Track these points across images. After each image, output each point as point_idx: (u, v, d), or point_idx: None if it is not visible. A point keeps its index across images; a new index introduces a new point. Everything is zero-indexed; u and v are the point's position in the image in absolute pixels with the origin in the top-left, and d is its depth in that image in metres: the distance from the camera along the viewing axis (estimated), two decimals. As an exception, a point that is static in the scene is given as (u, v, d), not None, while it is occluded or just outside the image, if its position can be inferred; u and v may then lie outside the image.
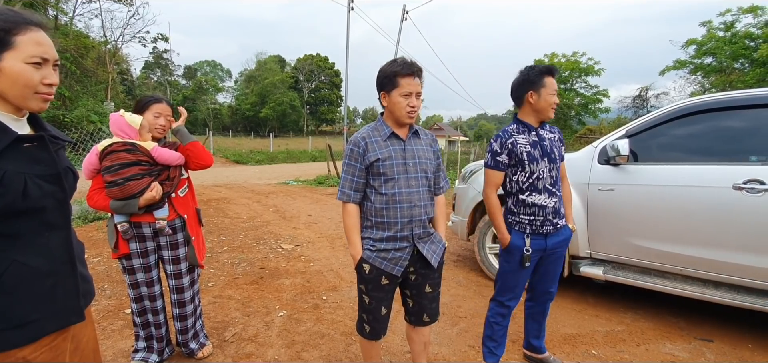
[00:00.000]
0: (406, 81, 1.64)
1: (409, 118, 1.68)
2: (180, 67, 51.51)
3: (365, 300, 1.79)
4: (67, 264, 1.07)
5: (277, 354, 2.41)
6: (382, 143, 1.70)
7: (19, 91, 0.94)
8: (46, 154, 1.01)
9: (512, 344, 2.65)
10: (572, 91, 30.55)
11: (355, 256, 1.74)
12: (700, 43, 20.91)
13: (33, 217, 0.99)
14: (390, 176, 1.68)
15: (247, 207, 7.22)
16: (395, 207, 1.68)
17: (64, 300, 1.06)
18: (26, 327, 0.98)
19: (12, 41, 0.92)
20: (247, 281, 3.59)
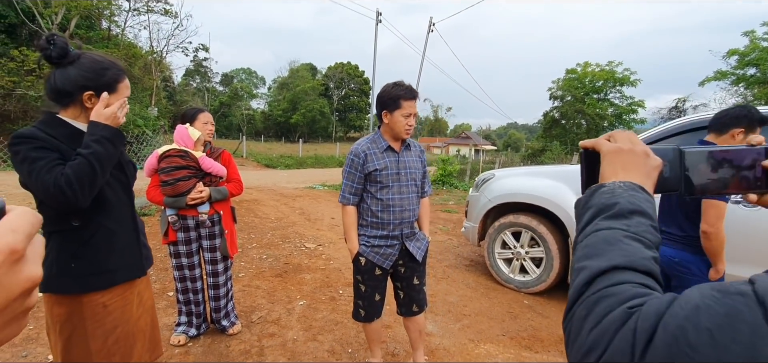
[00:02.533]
0: (408, 104, 1.93)
1: (406, 134, 1.97)
2: (217, 75, 53.88)
3: (361, 288, 2.10)
4: (133, 231, 1.47)
5: (296, 335, 2.74)
6: (379, 155, 2.00)
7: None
8: None
9: (510, 340, 2.87)
10: (606, 101, 29.74)
11: (352, 250, 2.05)
12: (743, 54, 19.96)
13: (106, 192, 1.36)
14: (385, 184, 1.98)
15: (275, 208, 7.69)
16: (389, 210, 1.99)
17: (131, 259, 1.46)
18: (104, 275, 1.37)
19: (117, 87, 1.34)
20: (272, 274, 3.96)
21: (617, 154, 0.58)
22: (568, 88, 29.73)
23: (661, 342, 0.35)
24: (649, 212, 0.51)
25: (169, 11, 18.89)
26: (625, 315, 0.39)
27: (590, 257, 0.47)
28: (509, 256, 3.99)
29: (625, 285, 0.42)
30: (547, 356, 2.68)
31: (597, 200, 0.54)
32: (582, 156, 0.65)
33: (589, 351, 0.39)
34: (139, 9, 18.42)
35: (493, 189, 4.13)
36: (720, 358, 0.32)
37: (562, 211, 3.53)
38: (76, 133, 1.31)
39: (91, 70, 1.29)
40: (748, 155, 0.59)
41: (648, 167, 0.57)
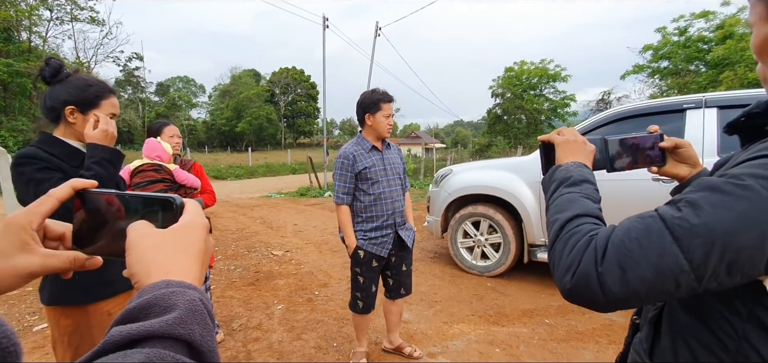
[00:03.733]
0: (387, 106, 2.20)
1: (387, 132, 2.22)
2: (152, 84, 50.63)
3: (360, 280, 2.26)
4: None
5: (281, 337, 2.82)
6: (366, 154, 2.20)
7: None
8: None
9: (479, 318, 3.14)
10: (542, 96, 31.93)
11: (351, 245, 2.21)
12: (656, 48, 22.38)
13: None
14: (375, 180, 2.19)
15: (234, 220, 7.52)
16: (381, 203, 2.20)
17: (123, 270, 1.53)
18: (110, 285, 1.43)
19: (99, 104, 1.38)
20: (244, 283, 3.96)
21: (566, 143, 0.83)
22: (508, 85, 31.54)
23: (610, 251, 0.56)
24: (592, 180, 0.75)
25: (95, 19, 17.59)
26: (588, 240, 0.60)
27: (560, 212, 0.69)
28: (471, 245, 4.30)
29: (584, 225, 0.64)
30: (513, 328, 2.98)
31: (558, 175, 0.77)
32: (541, 147, 0.90)
33: (569, 267, 0.59)
34: (62, 18, 16.98)
35: (452, 183, 4.42)
36: (643, 254, 0.53)
37: (516, 199, 3.89)
38: (74, 152, 1.36)
39: (74, 87, 1.35)
40: (649, 140, 0.87)
41: (586, 151, 0.82)
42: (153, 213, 0.45)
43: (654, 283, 0.53)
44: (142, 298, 0.34)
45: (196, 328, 0.34)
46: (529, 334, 2.90)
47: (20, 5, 14.54)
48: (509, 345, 2.74)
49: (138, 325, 0.32)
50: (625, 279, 0.54)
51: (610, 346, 2.71)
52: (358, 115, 2.27)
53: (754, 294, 0.57)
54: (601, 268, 0.55)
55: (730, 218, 0.50)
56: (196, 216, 0.44)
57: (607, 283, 0.54)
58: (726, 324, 0.61)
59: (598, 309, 0.58)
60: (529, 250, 3.91)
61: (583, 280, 0.57)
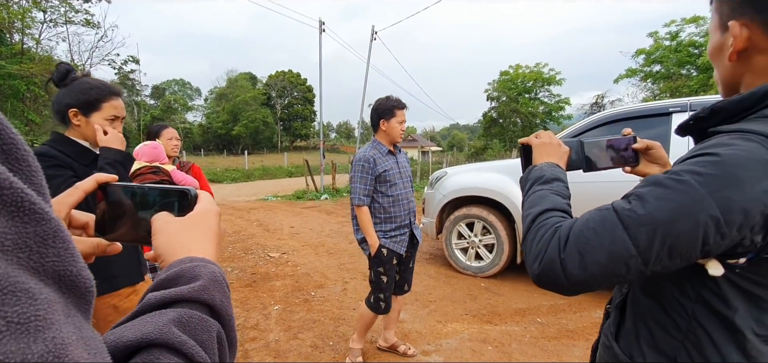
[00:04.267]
0: (400, 112, 2.31)
1: (400, 138, 2.34)
2: (147, 87, 50.45)
3: (383, 280, 2.32)
4: None
5: (277, 336, 2.87)
6: (383, 158, 2.32)
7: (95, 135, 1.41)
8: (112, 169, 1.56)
9: (473, 318, 3.21)
10: (537, 99, 32.18)
11: (374, 244, 2.26)
12: (649, 53, 22.66)
13: None
14: (393, 182, 2.30)
15: (230, 222, 7.55)
16: (398, 204, 2.31)
17: (131, 266, 1.60)
18: (111, 280, 1.50)
19: (100, 106, 1.43)
20: (241, 285, 4.00)
21: (542, 146, 0.90)
22: (503, 89, 31.76)
23: (572, 240, 0.63)
24: (563, 178, 0.83)
25: (90, 22, 17.54)
26: (553, 231, 0.67)
27: (532, 207, 0.76)
28: (465, 246, 4.37)
29: (552, 218, 0.71)
30: (505, 327, 3.05)
31: (533, 175, 0.85)
32: (521, 149, 0.97)
33: (537, 255, 0.67)
34: (56, 20, 16.92)
35: (447, 186, 4.50)
36: (599, 241, 0.60)
37: (509, 201, 3.97)
38: (83, 151, 1.43)
39: (76, 90, 1.41)
40: (623, 142, 0.95)
41: (561, 152, 0.89)
42: (170, 204, 0.51)
43: (608, 266, 0.60)
44: (170, 271, 0.41)
45: (216, 295, 0.40)
46: (521, 332, 2.97)
47: (12, 7, 14.49)
48: (501, 343, 2.80)
49: (170, 290, 0.38)
50: (584, 263, 0.61)
51: (600, 344, 2.78)
52: (372, 120, 2.37)
53: (700, 277, 0.65)
54: (563, 254, 0.62)
55: (669, 209, 0.58)
56: (209, 205, 0.51)
57: (569, 267, 0.61)
58: (678, 305, 0.69)
59: (563, 292, 0.65)
60: (522, 251, 3.98)
61: (548, 265, 0.64)
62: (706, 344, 0.66)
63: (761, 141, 0.58)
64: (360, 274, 4.29)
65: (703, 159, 0.60)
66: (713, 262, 0.63)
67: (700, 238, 0.57)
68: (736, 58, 0.66)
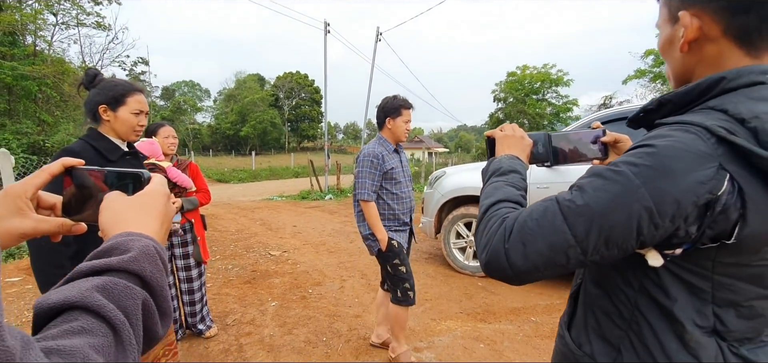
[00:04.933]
0: (407, 112, 2.34)
1: (405, 137, 2.38)
2: (158, 89, 51.14)
3: (402, 270, 2.31)
4: None
5: (272, 332, 2.91)
6: (390, 155, 2.33)
7: (125, 129, 1.60)
8: (137, 163, 1.70)
9: (467, 316, 3.22)
10: (544, 100, 31.96)
11: (383, 239, 2.26)
12: (658, 53, 22.41)
13: None
14: (398, 180, 2.33)
15: (234, 221, 7.64)
16: (402, 201, 2.35)
17: None
18: None
19: (125, 101, 1.57)
20: (240, 281, 4.05)
21: (505, 138, 0.92)
22: (510, 90, 31.61)
23: (516, 230, 0.64)
24: (520, 170, 0.84)
25: (101, 24, 17.84)
26: (501, 222, 0.68)
27: (486, 198, 0.78)
28: (463, 245, 4.38)
29: (501, 209, 0.73)
30: (499, 325, 3.06)
31: (491, 167, 0.86)
32: (486, 141, 0.99)
33: (485, 246, 0.68)
34: (68, 22, 17.25)
35: (445, 185, 4.51)
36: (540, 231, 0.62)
37: (506, 200, 3.97)
38: (114, 147, 1.58)
39: (103, 88, 1.57)
40: (591, 135, 0.95)
41: (523, 145, 0.91)
42: (126, 185, 0.56)
43: (549, 256, 0.61)
44: (106, 244, 0.44)
45: (147, 266, 0.43)
46: (514, 331, 2.97)
47: (25, 9, 14.81)
48: (494, 341, 2.81)
49: (100, 260, 0.42)
50: (526, 253, 0.62)
51: (593, 343, 2.77)
52: (378, 117, 2.39)
53: (642, 267, 0.66)
54: (507, 244, 0.64)
55: (605, 199, 0.59)
56: (158, 186, 0.55)
57: (512, 257, 0.63)
58: (622, 294, 0.70)
59: (508, 280, 0.66)
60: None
61: (494, 255, 0.65)
62: (647, 334, 0.67)
63: (699, 132, 0.58)
64: (358, 273, 4.32)
65: (640, 150, 0.60)
66: (653, 253, 0.64)
67: (634, 228, 0.58)
68: (688, 49, 0.67)
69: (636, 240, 0.59)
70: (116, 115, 1.57)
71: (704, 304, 0.64)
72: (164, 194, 0.55)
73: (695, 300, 0.64)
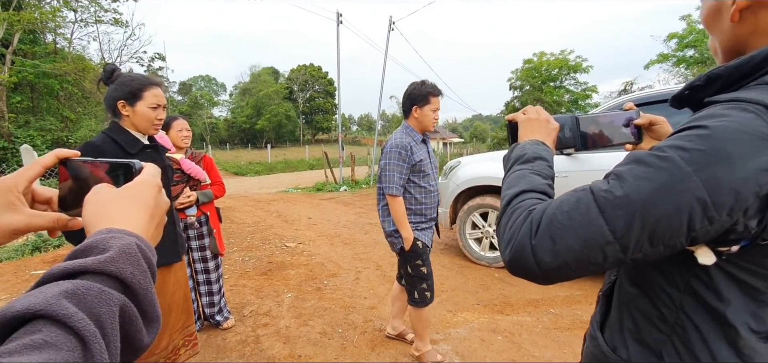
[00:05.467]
0: (435, 100, 2.17)
1: (433, 127, 2.21)
2: (175, 84, 51.97)
3: (424, 271, 2.22)
4: (170, 223, 1.72)
5: (288, 323, 2.92)
6: (418, 146, 2.19)
7: (144, 123, 1.63)
8: (157, 156, 1.72)
9: (484, 307, 3.17)
10: (562, 88, 31.23)
11: (409, 237, 2.14)
12: (681, 37, 21.56)
13: None
14: (426, 172, 2.20)
15: (251, 213, 7.72)
16: (430, 195, 2.23)
17: (169, 246, 1.74)
18: None
19: (142, 95, 1.60)
20: (257, 273, 4.09)
21: (528, 122, 0.84)
22: (527, 77, 30.98)
23: (544, 224, 0.58)
24: (546, 157, 0.76)
25: (119, 21, 18.20)
26: (526, 214, 0.62)
27: (509, 188, 0.71)
28: (479, 236, 4.31)
29: (527, 200, 0.66)
30: (517, 317, 3.00)
31: (514, 153, 0.79)
32: (508, 126, 0.91)
33: (509, 241, 0.62)
34: (87, 20, 17.64)
35: (460, 175, 4.44)
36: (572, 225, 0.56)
37: (524, 190, 3.88)
38: (134, 140, 1.62)
39: (121, 84, 1.60)
40: (623, 117, 0.87)
41: (548, 129, 0.82)
42: (117, 177, 0.52)
43: (582, 253, 0.55)
44: (84, 242, 0.39)
45: (127, 267, 0.38)
46: (532, 322, 2.91)
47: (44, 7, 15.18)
48: (512, 333, 2.76)
49: (74, 261, 0.36)
50: (556, 250, 0.56)
51: (615, 336, 2.69)
52: (404, 104, 2.24)
53: (690, 266, 0.59)
54: (534, 240, 0.57)
55: (648, 189, 0.52)
56: (149, 176, 0.50)
57: (540, 254, 0.56)
58: (665, 296, 0.64)
59: (535, 280, 0.60)
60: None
61: (519, 251, 0.59)
62: (694, 339, 0.61)
63: (758, 111, 0.51)
64: (373, 264, 4.31)
65: (690, 132, 0.53)
66: (703, 250, 0.57)
67: (684, 223, 0.51)
68: (739, 18, 0.59)
69: (686, 236, 0.52)
70: (134, 109, 1.59)
71: (761, 306, 0.58)
72: (154, 185, 0.50)
73: (751, 302, 0.58)
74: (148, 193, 0.48)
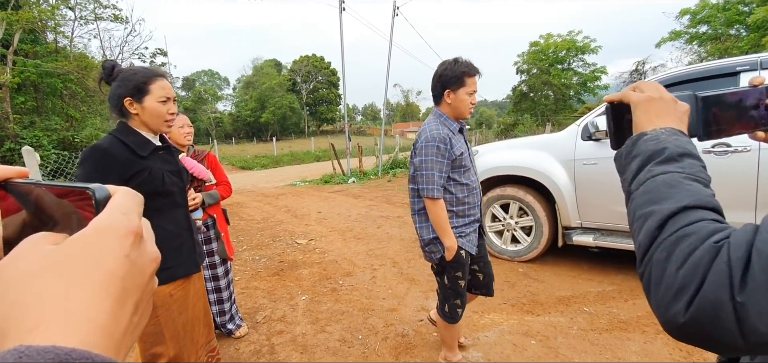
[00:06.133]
0: (471, 80, 1.83)
1: (469, 113, 1.88)
2: (179, 79, 51.91)
3: (461, 285, 1.95)
4: (188, 231, 1.61)
5: (304, 330, 2.74)
6: (457, 138, 1.88)
7: (155, 120, 1.46)
8: (172, 157, 1.57)
9: (512, 307, 2.96)
10: (570, 70, 30.61)
11: (452, 247, 1.84)
12: (694, 13, 20.91)
13: (167, 197, 1.50)
14: (467, 167, 1.90)
15: (259, 209, 7.56)
16: (473, 193, 1.93)
17: (187, 256, 1.58)
18: (165, 271, 1.47)
19: (148, 89, 1.44)
20: (269, 273, 3.92)
21: (649, 102, 0.59)
22: (533, 61, 30.40)
23: (759, 266, 0.36)
24: (696, 154, 0.53)
25: (118, 17, 17.98)
26: (713, 250, 0.40)
27: (656, 202, 0.48)
28: (500, 228, 4.09)
29: (700, 222, 0.44)
30: (549, 318, 2.79)
31: (643, 148, 0.55)
32: (608, 110, 0.67)
33: (680, 290, 0.40)
34: (87, 17, 17.45)
35: (479, 165, 4.20)
36: None
37: (548, 180, 3.64)
38: (144, 142, 1.46)
39: (123, 80, 1.43)
40: (752, 95, 0.64)
41: (679, 112, 0.59)
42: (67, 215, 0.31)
43: None
44: None
45: None
46: (567, 323, 2.70)
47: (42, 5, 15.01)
48: (546, 336, 2.55)
49: None
50: None
51: (658, 337, 2.48)
52: (434, 88, 1.92)
53: None
54: (741, 295, 0.36)
55: None
56: (112, 216, 0.27)
57: (752, 319, 0.36)
58: None
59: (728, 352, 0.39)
60: (564, 234, 3.66)
61: (708, 311, 0.38)
62: None
63: None
64: (389, 261, 4.11)
65: None
66: None
67: None
68: None
69: None
70: (143, 106, 1.44)
71: None
72: (124, 234, 0.26)
73: None
74: (110, 250, 0.25)
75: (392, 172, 12.46)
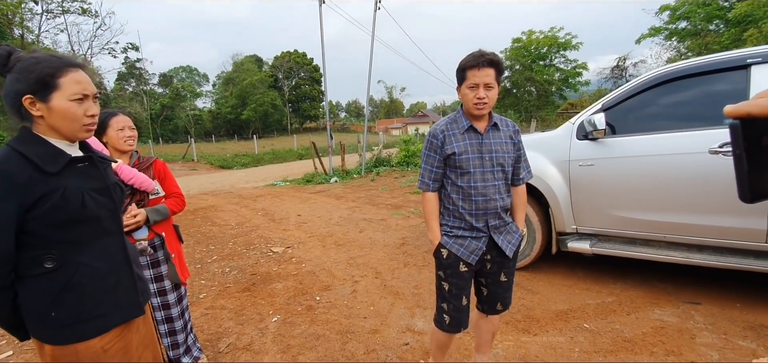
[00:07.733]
0: (472, 73, 1.66)
1: (477, 110, 1.67)
2: (155, 76, 50.22)
3: (445, 287, 1.81)
4: (124, 264, 1.25)
5: (273, 359, 2.40)
6: (459, 136, 1.73)
7: (67, 125, 1.12)
8: (96, 172, 1.20)
9: (506, 325, 2.68)
10: (552, 66, 30.81)
11: (433, 241, 1.81)
12: (674, 8, 21.18)
13: (91, 225, 1.16)
14: (465, 170, 1.71)
15: (235, 213, 7.14)
16: (470, 200, 1.72)
17: (125, 296, 1.24)
18: (96, 320, 1.16)
19: (57, 83, 1.09)
20: (238, 289, 3.55)
21: None
22: (516, 57, 30.48)
23: None
24: None
25: (87, 10, 17.14)
26: None
27: None
28: (490, 234, 3.82)
29: None
30: (547, 337, 2.52)
31: None
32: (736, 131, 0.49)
33: None
34: (53, 10, 16.55)
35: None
36: None
37: (541, 182, 3.38)
38: (56, 153, 1.12)
39: (21, 71, 1.09)
40: None
41: None
42: None
43: None
44: None
45: None
46: (567, 344, 2.44)
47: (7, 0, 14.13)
48: (546, 360, 2.28)
49: None
50: None
51: (669, 358, 2.23)
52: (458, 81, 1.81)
53: None
54: None
55: None
56: None
57: None
58: None
59: None
60: (558, 240, 3.41)
61: None
62: None
63: None
64: (371, 271, 3.80)
65: None
66: None
67: None
68: None
69: None
70: (49, 106, 1.10)
71: None
72: None
73: None
74: None
75: (375, 171, 12.12)
